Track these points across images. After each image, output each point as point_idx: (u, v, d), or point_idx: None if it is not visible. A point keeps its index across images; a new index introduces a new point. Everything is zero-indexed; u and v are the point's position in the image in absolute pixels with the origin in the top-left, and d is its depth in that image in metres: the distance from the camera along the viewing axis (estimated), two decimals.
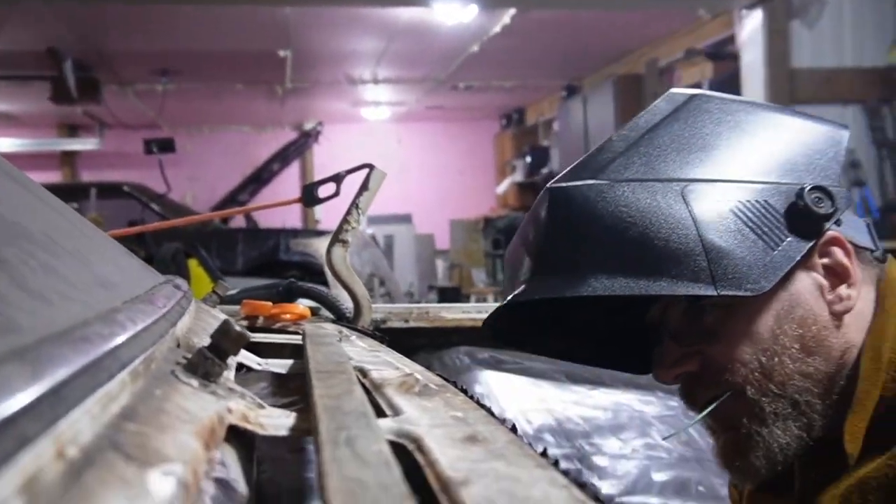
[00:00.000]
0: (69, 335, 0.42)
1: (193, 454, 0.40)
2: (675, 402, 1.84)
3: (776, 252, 0.82)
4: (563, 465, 0.71)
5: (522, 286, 0.89)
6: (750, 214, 0.83)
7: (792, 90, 5.01)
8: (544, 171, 9.02)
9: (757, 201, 0.83)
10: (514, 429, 0.64)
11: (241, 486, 0.56)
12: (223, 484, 0.53)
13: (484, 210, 10.71)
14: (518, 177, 10.17)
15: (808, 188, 0.84)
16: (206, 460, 0.42)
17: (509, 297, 0.90)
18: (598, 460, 1.67)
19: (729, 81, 5.64)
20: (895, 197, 4.99)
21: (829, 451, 0.85)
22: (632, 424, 1.75)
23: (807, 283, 0.86)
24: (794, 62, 5.06)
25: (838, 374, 0.86)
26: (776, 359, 0.85)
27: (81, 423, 0.35)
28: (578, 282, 0.83)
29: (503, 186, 10.70)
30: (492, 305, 1.93)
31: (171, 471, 0.37)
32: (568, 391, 1.71)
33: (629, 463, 1.70)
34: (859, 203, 4.98)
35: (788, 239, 0.83)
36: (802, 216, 0.83)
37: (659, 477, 1.68)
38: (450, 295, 7.29)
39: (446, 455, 0.52)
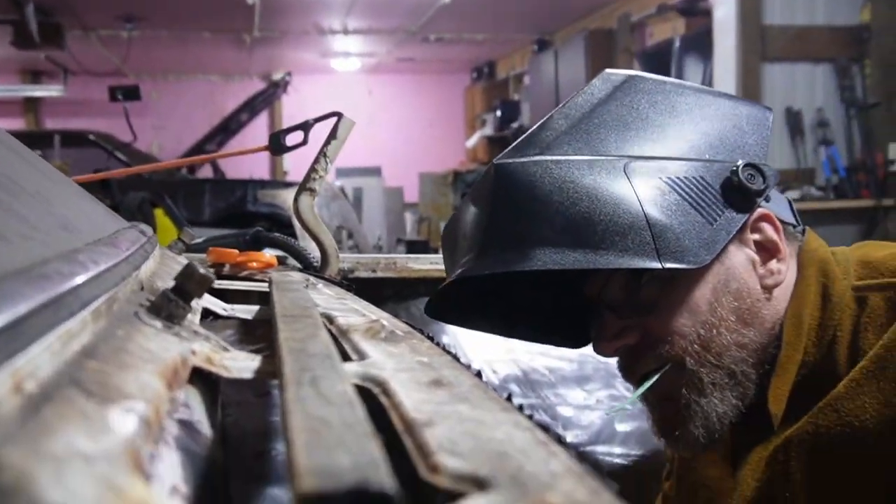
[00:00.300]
0: (28, 273, 0.41)
1: (156, 393, 0.40)
2: None
3: (714, 226, 0.85)
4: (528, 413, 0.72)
5: (470, 262, 0.89)
6: (688, 190, 0.85)
7: (763, 47, 5.02)
8: (514, 125, 8.98)
9: (694, 178, 0.86)
10: (479, 375, 0.64)
11: (205, 429, 0.56)
12: (187, 425, 0.53)
13: (453, 163, 10.68)
14: (488, 131, 10.12)
15: (741, 165, 0.86)
16: (169, 400, 0.42)
17: (458, 273, 0.91)
18: (563, 410, 1.69)
19: (701, 37, 5.63)
20: (862, 156, 5.04)
21: (758, 414, 0.89)
22: (597, 376, 1.77)
23: (740, 258, 0.89)
24: (766, 19, 5.06)
25: (770, 344, 0.89)
26: (714, 330, 0.87)
27: (40, 359, 0.35)
28: (527, 257, 0.84)
29: (473, 140, 10.66)
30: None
31: (133, 408, 0.36)
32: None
33: (593, 413, 1.73)
34: (826, 162, 5.03)
35: (725, 213, 0.86)
36: (737, 192, 0.86)
37: (622, 427, 1.71)
38: (418, 248, 7.28)
39: (411, 398, 0.52)
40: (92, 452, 0.30)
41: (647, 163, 0.86)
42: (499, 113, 9.68)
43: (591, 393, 1.71)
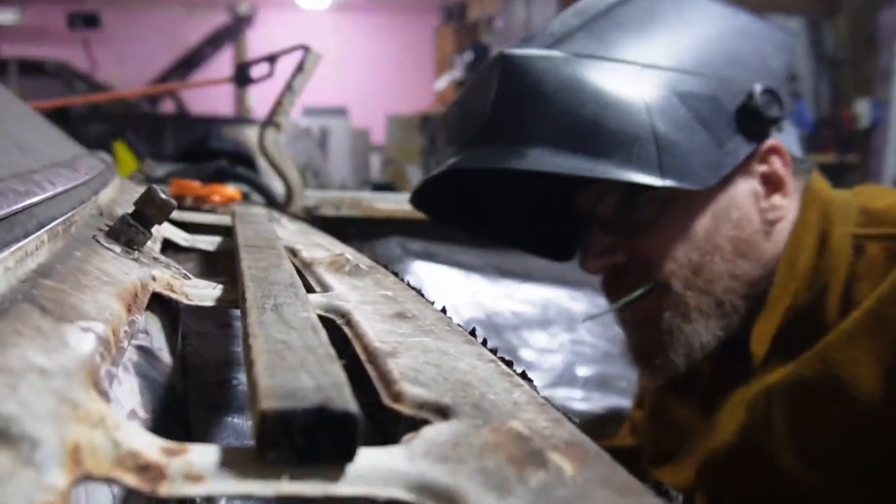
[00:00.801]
0: None
1: (115, 314, 0.39)
2: (603, 300, 1.88)
3: (722, 150, 0.81)
4: None
5: (463, 154, 0.85)
6: (701, 108, 0.81)
7: None
8: None
9: (708, 95, 0.82)
10: (443, 310, 0.64)
11: (165, 356, 0.55)
12: (146, 352, 0.53)
13: (421, 106, 10.57)
14: (457, 73, 10.00)
15: (759, 89, 0.82)
16: (128, 323, 0.41)
17: (450, 163, 0.86)
18: (525, 353, 1.71)
19: None
20: (829, 111, 5.08)
21: (739, 354, 0.87)
22: (559, 320, 1.79)
23: (744, 188, 0.86)
24: None
25: (762, 280, 0.87)
26: (707, 257, 0.84)
27: None
28: (523, 155, 0.80)
29: (442, 83, 10.53)
30: None
31: (91, 328, 0.36)
32: (498, 285, 1.73)
33: (555, 357, 1.74)
34: (793, 115, 5.06)
35: (735, 138, 0.82)
36: (751, 117, 0.82)
37: (583, 371, 1.73)
38: (384, 191, 7.24)
39: (375, 329, 0.52)
40: (48, 367, 0.29)
41: (662, 73, 0.81)
42: (468, 56, 9.56)
43: (554, 336, 1.72)
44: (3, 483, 0.23)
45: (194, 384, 0.57)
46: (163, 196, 0.56)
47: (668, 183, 0.79)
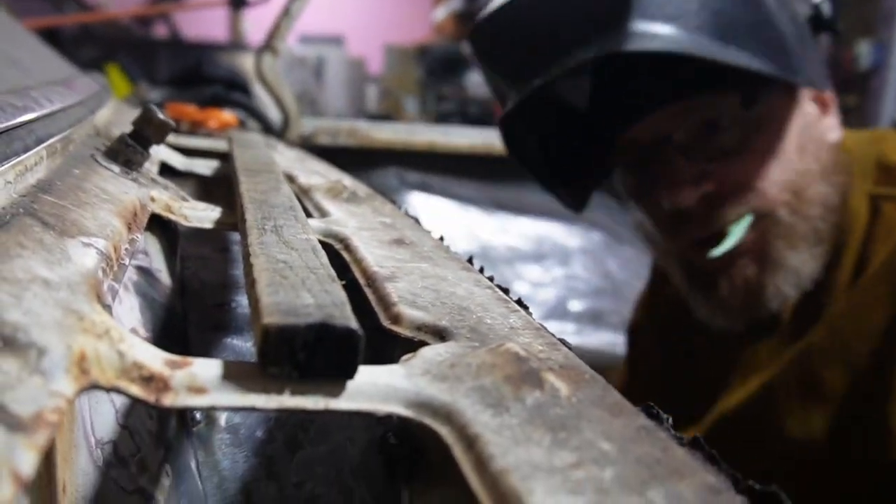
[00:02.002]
0: None
1: (115, 231, 0.39)
2: (597, 236, 1.89)
3: (818, 58, 0.80)
4: None
5: (575, 52, 0.74)
6: (797, 15, 0.80)
7: None
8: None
9: (814, 3, 0.81)
10: (440, 239, 0.64)
11: (164, 277, 0.56)
12: (146, 273, 0.53)
13: (419, 37, 10.41)
14: (455, 4, 9.83)
15: (821, 2, 0.82)
16: (128, 241, 0.42)
17: (574, 59, 0.74)
18: (519, 287, 1.72)
19: None
20: (829, 51, 5.01)
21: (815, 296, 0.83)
22: (554, 254, 1.80)
23: (810, 106, 0.84)
24: None
25: (836, 211, 0.83)
26: (804, 180, 0.80)
27: None
28: (664, 39, 0.71)
29: (440, 13, 10.36)
30: (420, 127, 1.91)
31: (92, 243, 0.36)
32: (494, 218, 1.74)
33: (548, 291, 1.76)
34: None
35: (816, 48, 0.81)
36: (819, 27, 0.82)
37: (575, 306, 1.75)
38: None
39: (373, 254, 0.52)
40: (51, 279, 0.30)
41: None
42: None
43: (548, 270, 1.74)
44: (12, 389, 0.23)
45: (193, 306, 0.58)
46: (161, 116, 0.55)
47: (801, 82, 0.77)
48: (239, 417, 0.49)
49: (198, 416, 0.48)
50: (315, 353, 0.30)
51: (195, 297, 0.59)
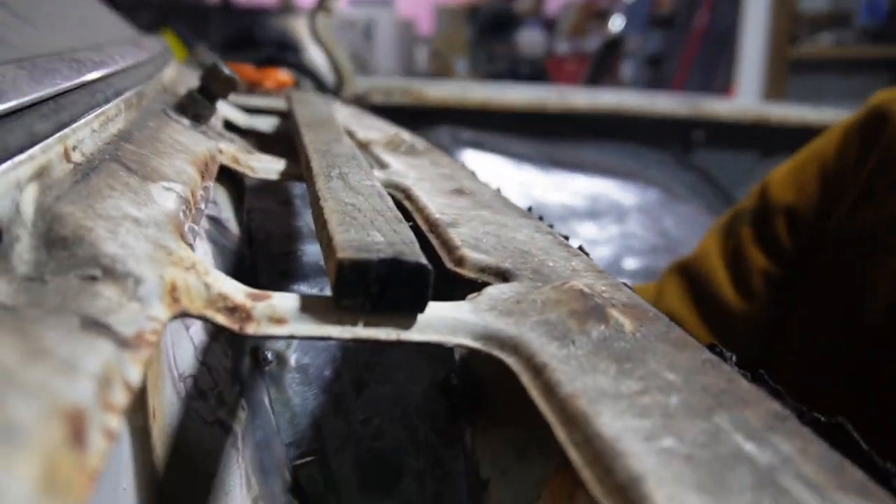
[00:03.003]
0: (62, 55, 0.41)
1: (191, 178, 0.41)
2: (653, 193, 1.87)
3: None
4: None
5: None
6: None
7: None
8: None
9: None
10: (498, 190, 0.65)
11: (233, 226, 0.58)
12: (216, 221, 0.55)
13: None
14: None
15: None
16: (202, 188, 0.43)
17: None
18: (573, 244, 1.72)
19: None
20: None
21: None
22: (609, 212, 1.79)
23: None
24: None
25: None
26: None
27: (82, 134, 0.35)
28: None
29: None
30: (474, 85, 1.91)
31: (172, 187, 0.37)
32: (548, 176, 1.73)
33: (603, 249, 1.75)
34: (865, 5, 4.81)
35: None
36: None
37: (630, 264, 1.74)
38: None
39: (434, 202, 0.53)
40: (140, 217, 0.31)
41: None
42: None
43: (603, 228, 1.73)
44: (115, 312, 0.25)
45: (261, 254, 0.60)
46: (227, 71, 0.57)
47: None
48: (308, 358, 0.51)
49: (269, 356, 0.50)
50: (387, 287, 0.31)
51: (262, 247, 0.61)
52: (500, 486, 0.41)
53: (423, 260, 0.32)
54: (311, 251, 0.61)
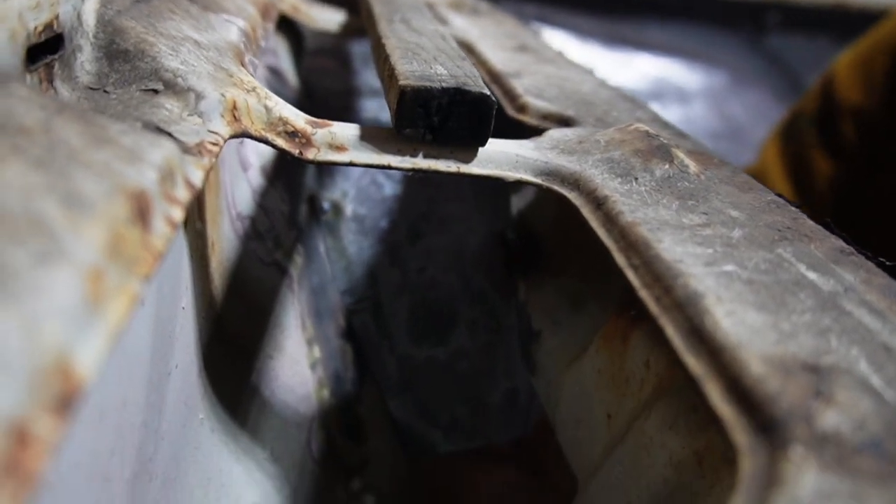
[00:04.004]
0: None
1: (252, 16, 0.41)
2: (721, 76, 1.81)
3: None
4: None
5: None
6: None
7: None
8: None
9: None
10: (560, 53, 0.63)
11: (292, 78, 0.57)
12: (275, 72, 0.55)
13: None
14: None
15: None
16: (263, 27, 0.43)
17: None
18: None
19: None
20: None
21: None
22: (672, 93, 1.74)
23: None
24: None
25: None
26: None
27: None
28: None
29: None
30: None
31: (233, 21, 0.37)
32: (613, 53, 1.68)
33: None
34: None
35: None
36: None
37: None
38: None
39: (497, 56, 0.52)
40: (201, 41, 0.31)
41: None
42: None
43: (665, 109, 1.68)
44: (177, 123, 0.25)
45: (319, 108, 0.59)
46: None
47: None
48: (364, 209, 0.52)
49: (326, 205, 0.51)
50: (449, 118, 0.31)
51: (320, 102, 0.61)
52: (552, 336, 0.41)
53: (487, 91, 0.31)
54: (370, 107, 0.60)
